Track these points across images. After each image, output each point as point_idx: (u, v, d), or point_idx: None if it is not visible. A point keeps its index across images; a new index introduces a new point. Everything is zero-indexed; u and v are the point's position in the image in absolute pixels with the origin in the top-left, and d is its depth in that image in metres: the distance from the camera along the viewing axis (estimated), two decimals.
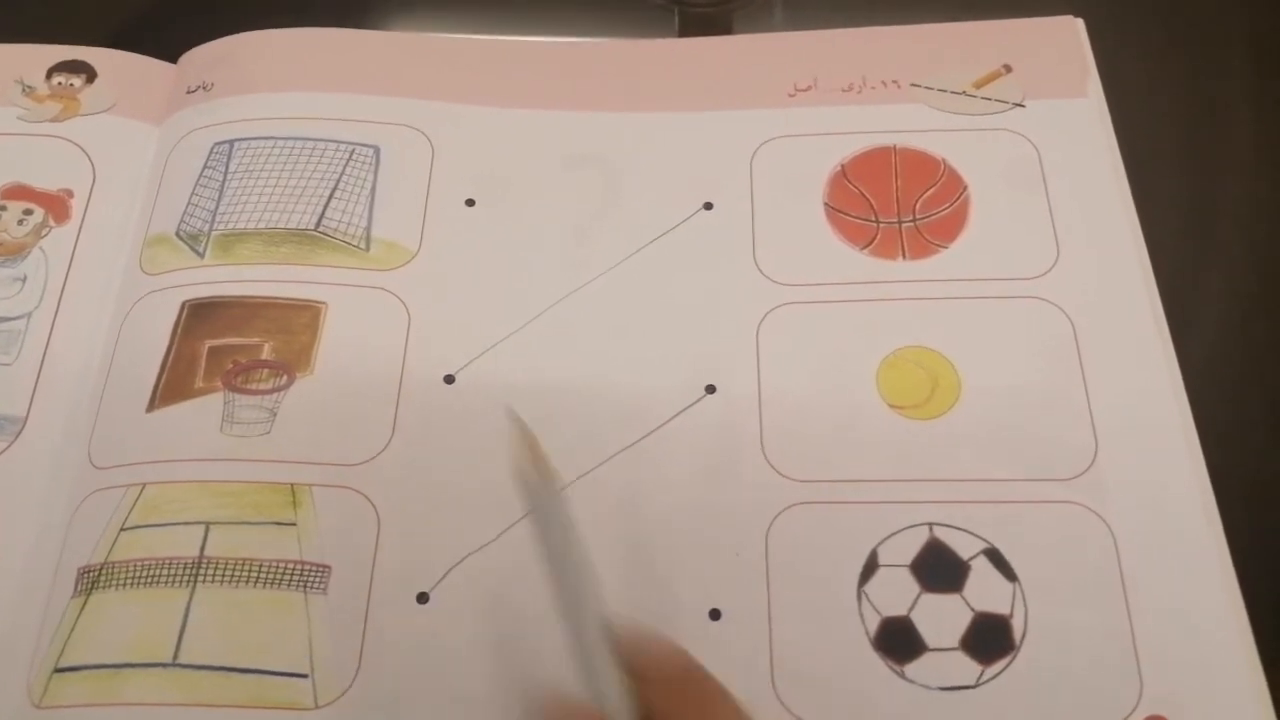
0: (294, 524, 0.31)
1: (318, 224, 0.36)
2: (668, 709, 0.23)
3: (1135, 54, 0.40)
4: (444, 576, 0.30)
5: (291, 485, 0.31)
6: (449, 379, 0.33)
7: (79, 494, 0.32)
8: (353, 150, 0.37)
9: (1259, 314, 0.36)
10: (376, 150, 0.38)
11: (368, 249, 0.36)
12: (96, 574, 0.30)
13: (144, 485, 0.31)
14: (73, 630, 0.29)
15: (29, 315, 0.35)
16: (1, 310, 0.36)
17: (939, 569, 0.30)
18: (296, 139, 0.38)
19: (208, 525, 0.31)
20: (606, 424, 0.33)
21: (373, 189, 0.37)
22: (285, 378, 0.33)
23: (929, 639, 0.29)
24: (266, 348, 0.34)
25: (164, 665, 0.29)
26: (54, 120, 0.39)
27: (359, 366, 0.33)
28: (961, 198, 0.36)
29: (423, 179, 0.37)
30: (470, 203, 0.37)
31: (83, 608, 0.30)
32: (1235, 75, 0.41)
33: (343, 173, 0.37)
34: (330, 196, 0.36)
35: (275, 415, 0.33)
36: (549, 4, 0.44)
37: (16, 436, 0.33)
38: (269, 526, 0.31)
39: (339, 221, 0.36)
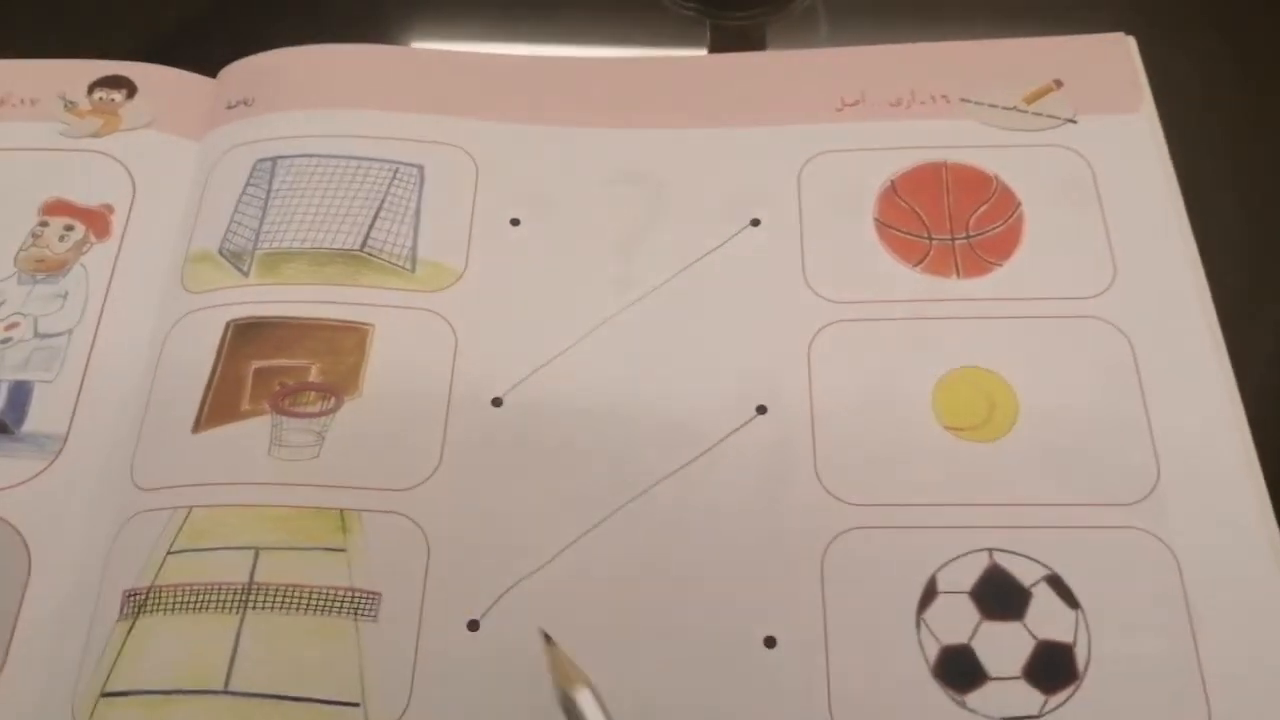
0: (344, 550, 0.30)
1: (363, 244, 0.35)
2: None
3: (1189, 72, 0.40)
4: (494, 604, 0.30)
5: (341, 511, 0.31)
6: (496, 402, 0.33)
7: (122, 515, 0.31)
8: (396, 169, 0.37)
9: None
10: (420, 170, 0.37)
11: (413, 270, 0.35)
12: (143, 598, 0.30)
13: (190, 508, 0.31)
14: (119, 654, 0.29)
15: (70, 332, 0.35)
16: (43, 327, 0.35)
17: (1000, 596, 0.29)
18: (340, 157, 0.37)
19: (257, 550, 0.30)
20: (655, 445, 0.32)
21: (417, 209, 0.36)
22: (333, 400, 0.33)
23: (990, 668, 0.29)
24: (314, 369, 0.33)
25: (215, 692, 0.28)
26: (95, 135, 0.39)
27: (406, 389, 0.33)
28: (1015, 215, 0.35)
29: (467, 199, 0.37)
30: (515, 222, 0.36)
31: (129, 631, 0.29)
32: None
33: (387, 192, 0.36)
34: (375, 216, 0.36)
35: (324, 439, 0.32)
36: (578, 16, 0.44)
37: (58, 455, 0.33)
38: (319, 552, 0.30)
39: (384, 242, 0.36)
